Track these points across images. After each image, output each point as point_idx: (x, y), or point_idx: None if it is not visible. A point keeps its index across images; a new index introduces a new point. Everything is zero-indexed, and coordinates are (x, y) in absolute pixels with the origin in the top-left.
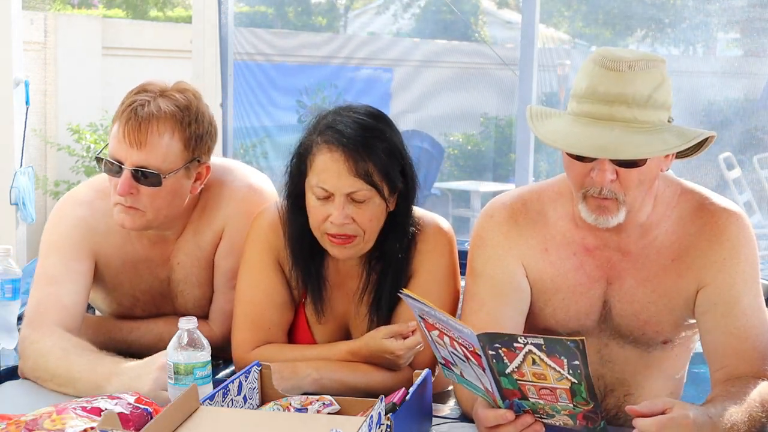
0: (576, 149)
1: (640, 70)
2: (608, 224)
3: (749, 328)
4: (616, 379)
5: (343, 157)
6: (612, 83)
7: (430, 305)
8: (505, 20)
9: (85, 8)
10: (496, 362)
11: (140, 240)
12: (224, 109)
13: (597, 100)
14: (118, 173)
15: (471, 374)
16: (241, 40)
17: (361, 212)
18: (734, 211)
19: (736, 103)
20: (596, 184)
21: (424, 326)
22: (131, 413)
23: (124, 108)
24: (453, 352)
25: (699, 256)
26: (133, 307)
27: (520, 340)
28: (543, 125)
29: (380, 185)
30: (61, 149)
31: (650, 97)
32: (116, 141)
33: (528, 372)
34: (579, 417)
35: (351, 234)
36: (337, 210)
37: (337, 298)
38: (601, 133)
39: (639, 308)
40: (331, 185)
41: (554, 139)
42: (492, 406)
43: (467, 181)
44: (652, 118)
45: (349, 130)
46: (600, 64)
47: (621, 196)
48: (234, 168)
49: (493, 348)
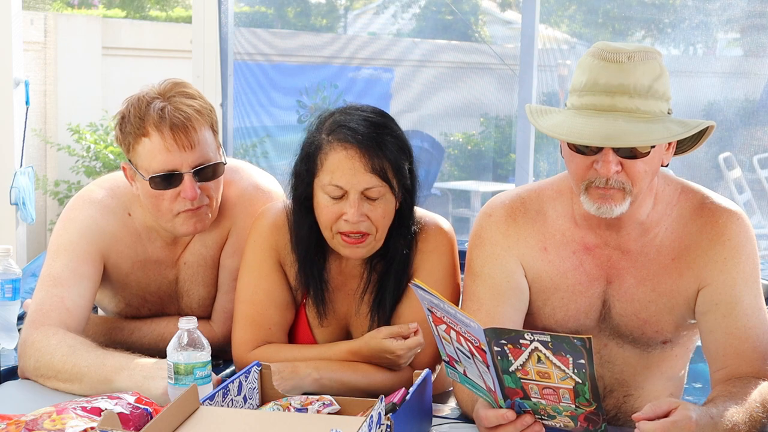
0: (581, 139)
1: (639, 62)
2: (612, 214)
3: (750, 329)
4: (616, 379)
5: (358, 154)
6: (613, 75)
7: (440, 297)
8: (505, 20)
9: (85, 8)
10: (501, 359)
11: (153, 241)
12: (224, 109)
13: (598, 91)
14: (177, 182)
15: (474, 372)
16: (241, 40)
17: (374, 209)
18: (735, 210)
19: (736, 103)
20: (601, 175)
21: (431, 320)
22: (131, 413)
23: (150, 120)
24: (458, 348)
25: (699, 256)
26: (140, 307)
27: (527, 336)
28: (544, 120)
29: (392, 181)
30: (61, 149)
31: (651, 88)
32: (164, 152)
33: (532, 370)
34: (580, 418)
35: (365, 232)
36: (352, 207)
37: (338, 298)
38: (604, 123)
39: (639, 307)
40: (346, 182)
41: (558, 132)
42: (493, 407)
43: (467, 181)
44: (654, 108)
45: (361, 127)
46: (599, 57)
47: (628, 186)
48: (240, 168)
49: (498, 344)
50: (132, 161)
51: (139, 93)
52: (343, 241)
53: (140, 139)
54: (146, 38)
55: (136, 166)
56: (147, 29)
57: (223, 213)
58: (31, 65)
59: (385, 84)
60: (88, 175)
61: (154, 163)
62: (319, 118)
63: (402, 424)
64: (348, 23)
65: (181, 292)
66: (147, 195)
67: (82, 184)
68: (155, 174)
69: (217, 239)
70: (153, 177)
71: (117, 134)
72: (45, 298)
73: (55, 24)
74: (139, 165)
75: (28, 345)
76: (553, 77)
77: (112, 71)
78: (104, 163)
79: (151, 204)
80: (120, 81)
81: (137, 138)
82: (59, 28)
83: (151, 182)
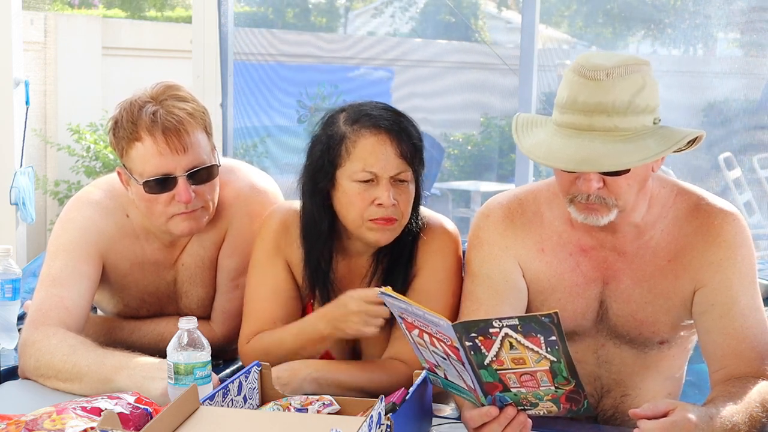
0: (556, 163)
1: (618, 77)
2: (599, 223)
3: (747, 329)
4: (613, 379)
5: (389, 139)
6: (590, 93)
7: (408, 301)
8: (505, 20)
9: (85, 8)
10: (474, 354)
11: (150, 243)
12: (224, 109)
13: (577, 110)
14: (171, 186)
15: (453, 373)
16: (241, 40)
17: (402, 194)
18: (731, 211)
19: (736, 103)
20: (582, 192)
21: (404, 326)
22: (131, 413)
23: (143, 125)
24: (434, 351)
25: (696, 257)
26: (139, 307)
27: (495, 324)
28: (527, 138)
29: (417, 167)
30: (61, 149)
31: (631, 103)
32: (157, 156)
33: (507, 358)
34: (562, 399)
35: (393, 217)
36: (386, 192)
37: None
38: (581, 145)
39: (635, 308)
40: (380, 168)
41: (537, 154)
42: (476, 406)
43: (468, 181)
44: (634, 124)
45: (385, 113)
46: (578, 73)
47: (611, 200)
48: (236, 168)
49: (469, 338)
50: (126, 166)
51: (131, 97)
52: (376, 225)
53: (133, 144)
54: (146, 38)
55: (130, 171)
56: (147, 29)
57: (220, 213)
58: (31, 65)
59: (384, 84)
60: (88, 175)
61: (147, 167)
62: (328, 116)
63: (402, 424)
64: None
65: (180, 293)
66: (142, 199)
67: (82, 184)
68: (149, 178)
69: (214, 240)
70: (147, 181)
71: (110, 139)
72: (45, 298)
73: (55, 24)
74: (133, 169)
75: (28, 345)
76: (553, 77)
77: (112, 71)
78: (104, 163)
79: (146, 208)
80: (120, 81)
81: (130, 142)
82: (59, 28)
83: (145, 186)
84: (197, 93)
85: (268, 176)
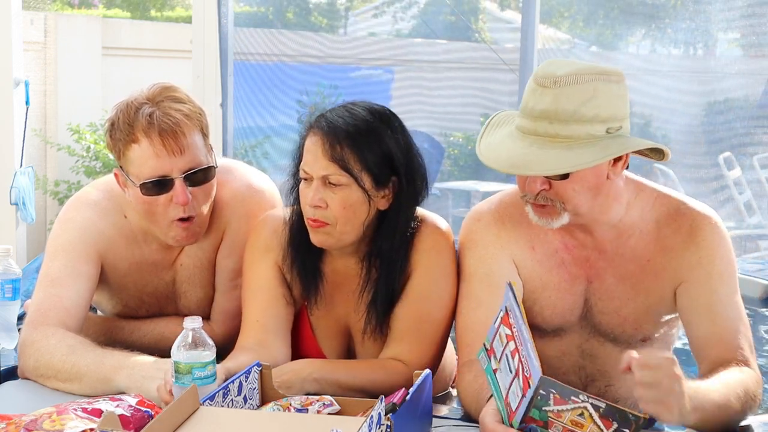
0: (488, 162)
1: (566, 86)
2: (551, 225)
3: (728, 320)
4: (598, 371)
5: (321, 141)
6: (538, 99)
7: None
8: (506, 21)
9: (85, 8)
10: (541, 399)
11: (149, 244)
12: (224, 109)
13: (526, 115)
14: (168, 188)
15: (505, 381)
16: (241, 40)
17: (334, 198)
18: (708, 214)
19: (736, 103)
20: (528, 192)
21: (500, 317)
22: (132, 415)
23: (139, 126)
24: (507, 356)
25: (674, 258)
26: (138, 308)
27: (581, 397)
28: (490, 135)
29: (359, 175)
30: (61, 149)
31: (576, 112)
32: (153, 158)
33: (567, 418)
34: None
35: (321, 220)
36: (312, 192)
37: (338, 300)
38: (517, 148)
39: (619, 305)
40: (310, 167)
41: (479, 153)
42: (502, 418)
43: (467, 181)
44: (578, 133)
45: (338, 119)
46: (534, 78)
47: (558, 204)
48: (233, 168)
49: (546, 390)
50: (123, 168)
51: (127, 99)
52: (309, 224)
53: (130, 146)
54: (146, 38)
55: (127, 173)
56: (147, 29)
57: (217, 214)
58: (31, 65)
59: (384, 84)
60: (88, 175)
61: (144, 169)
62: (316, 114)
63: (402, 424)
64: (348, 23)
65: (179, 293)
66: (139, 201)
67: (82, 184)
68: (146, 180)
69: (212, 241)
70: (144, 183)
71: (107, 141)
72: (44, 298)
73: (55, 24)
74: (130, 171)
75: (27, 345)
76: None
77: (112, 71)
78: (104, 164)
79: (145, 211)
80: (120, 81)
81: (127, 144)
82: (59, 28)
83: (142, 188)
84: (197, 93)
85: (265, 176)
